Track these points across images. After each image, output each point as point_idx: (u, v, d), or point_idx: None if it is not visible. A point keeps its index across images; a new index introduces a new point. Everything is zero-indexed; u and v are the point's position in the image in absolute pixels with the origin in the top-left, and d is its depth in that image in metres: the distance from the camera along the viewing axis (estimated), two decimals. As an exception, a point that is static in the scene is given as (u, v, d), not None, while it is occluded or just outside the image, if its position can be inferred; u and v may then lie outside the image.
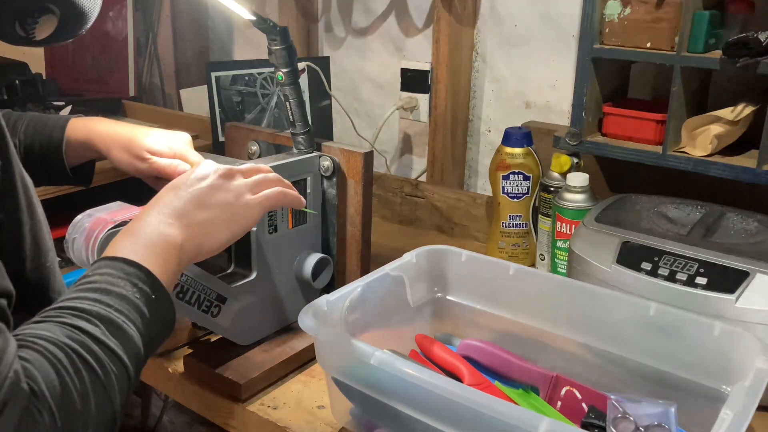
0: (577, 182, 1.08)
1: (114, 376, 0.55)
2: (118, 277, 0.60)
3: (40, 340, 0.53)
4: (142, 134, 0.94)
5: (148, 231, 0.66)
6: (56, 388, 0.51)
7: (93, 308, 0.56)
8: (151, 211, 0.69)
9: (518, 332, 0.90)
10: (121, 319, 0.57)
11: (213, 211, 0.72)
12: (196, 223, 0.70)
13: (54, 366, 0.51)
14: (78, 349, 0.53)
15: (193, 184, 0.73)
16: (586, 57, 1.06)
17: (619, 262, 0.91)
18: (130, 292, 0.59)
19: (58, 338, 0.53)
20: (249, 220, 0.75)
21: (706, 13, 0.97)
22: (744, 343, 0.74)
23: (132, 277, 0.61)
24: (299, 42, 1.64)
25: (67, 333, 0.54)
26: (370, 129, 1.62)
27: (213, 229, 0.71)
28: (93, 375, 0.53)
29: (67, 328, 0.54)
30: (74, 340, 0.53)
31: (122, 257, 0.62)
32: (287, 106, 1.00)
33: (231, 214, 0.73)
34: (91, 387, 0.53)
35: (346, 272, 1.05)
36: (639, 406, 0.72)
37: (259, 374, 0.88)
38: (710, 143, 0.99)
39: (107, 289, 0.58)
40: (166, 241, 0.66)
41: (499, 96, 1.44)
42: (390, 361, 0.68)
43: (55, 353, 0.52)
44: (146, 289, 0.61)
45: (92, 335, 0.55)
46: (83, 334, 0.54)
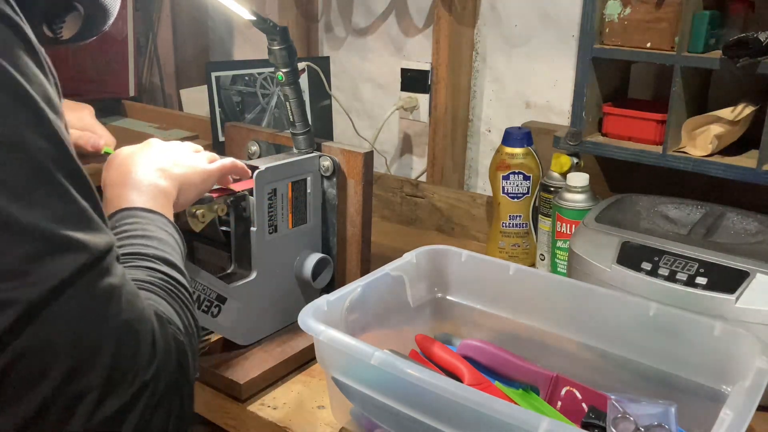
0: (577, 182, 1.08)
1: (189, 298, 0.64)
2: (147, 224, 0.67)
3: (139, 281, 0.60)
4: None
5: (146, 183, 0.72)
6: (173, 314, 0.59)
7: (149, 251, 0.64)
8: (137, 165, 0.74)
9: (518, 332, 0.90)
10: (169, 256, 0.65)
11: (186, 170, 0.79)
12: (176, 177, 0.77)
13: (164, 298, 0.60)
14: (163, 283, 0.62)
15: (167, 146, 0.80)
16: (586, 57, 1.06)
17: (619, 262, 0.90)
18: (162, 234, 0.67)
19: (146, 278, 0.61)
20: (207, 183, 0.83)
21: (706, 13, 0.97)
22: (744, 343, 0.74)
23: (157, 222, 0.68)
24: (299, 42, 1.64)
25: (146, 273, 0.62)
26: (370, 129, 1.62)
27: (187, 186, 0.78)
28: (187, 307, 0.63)
29: (143, 269, 0.62)
30: (156, 278, 0.62)
31: (140, 206, 0.69)
32: (287, 106, 1.00)
33: (197, 175, 0.80)
34: (191, 316, 0.63)
35: (346, 272, 1.05)
36: (639, 406, 0.72)
37: (259, 374, 0.88)
38: (710, 143, 0.99)
39: (146, 235, 0.65)
40: (162, 192, 0.73)
41: (499, 96, 1.44)
42: (390, 361, 0.68)
43: (157, 290, 0.60)
44: (170, 231, 0.69)
45: (161, 271, 0.63)
46: (156, 272, 0.62)
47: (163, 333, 0.54)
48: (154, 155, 0.77)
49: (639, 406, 0.72)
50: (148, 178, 0.73)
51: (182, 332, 0.58)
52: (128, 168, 0.74)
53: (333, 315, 0.80)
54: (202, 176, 0.81)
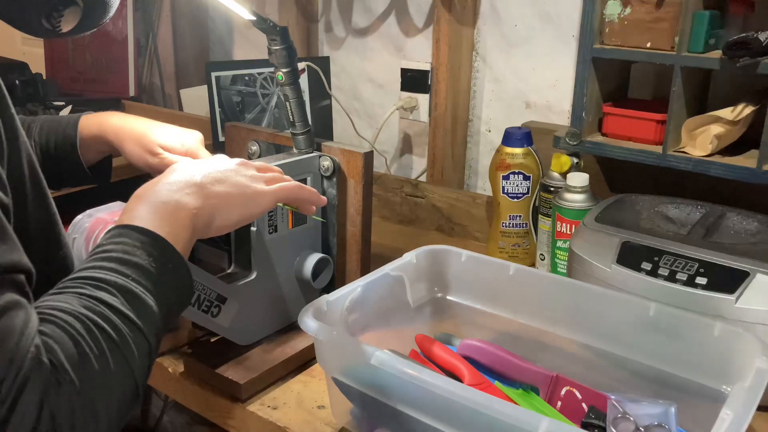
0: (577, 182, 1.08)
1: (133, 345, 0.55)
2: (134, 246, 0.60)
3: (59, 312, 0.53)
4: (155, 129, 0.95)
5: (163, 197, 0.66)
6: (75, 358, 0.51)
7: (110, 278, 0.56)
8: (166, 180, 0.69)
9: (518, 332, 0.90)
10: (138, 289, 0.57)
11: (229, 189, 0.73)
12: (212, 195, 0.70)
13: (72, 337, 0.51)
14: (96, 319, 0.53)
15: (211, 164, 0.75)
16: (586, 57, 1.06)
17: (619, 262, 0.90)
18: (146, 261, 0.59)
19: (76, 309, 0.53)
20: (260, 206, 0.76)
21: (706, 13, 0.97)
22: (744, 343, 0.74)
23: (147, 246, 0.60)
24: (299, 42, 1.64)
25: (84, 303, 0.54)
26: (370, 129, 1.62)
27: (226, 206, 0.72)
28: (112, 344, 0.53)
29: (85, 299, 0.54)
30: (92, 311, 0.54)
31: (137, 225, 0.62)
32: (287, 106, 1.00)
33: (245, 196, 0.74)
34: (111, 356, 0.53)
35: (346, 272, 1.05)
36: (639, 406, 0.72)
37: (259, 374, 0.88)
38: (710, 143, 0.99)
39: (124, 259, 0.58)
40: (181, 209, 0.66)
41: (499, 96, 1.44)
42: (390, 361, 0.68)
43: (74, 324, 0.52)
44: (162, 257, 0.61)
45: (110, 305, 0.55)
46: (101, 304, 0.54)
47: (34, 387, 0.48)
48: (198, 169, 0.72)
49: (639, 406, 0.72)
50: (170, 193, 0.67)
51: (72, 377, 0.50)
52: (160, 179, 0.69)
53: (333, 315, 0.80)
54: (250, 198, 0.75)
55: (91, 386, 0.51)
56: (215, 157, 0.77)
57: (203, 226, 0.70)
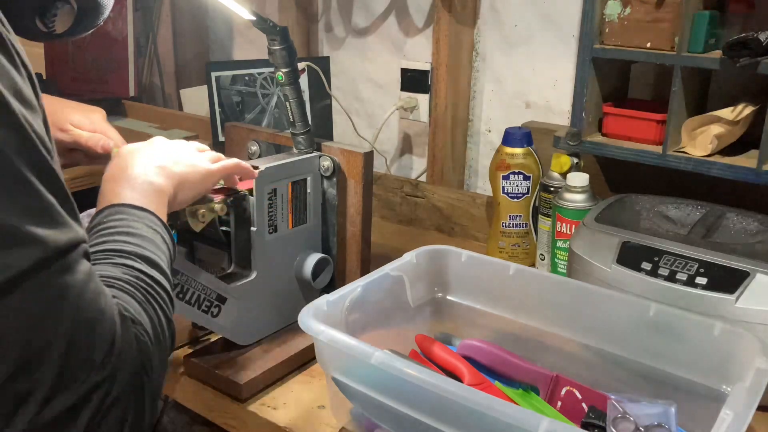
0: (577, 182, 1.08)
1: (166, 300, 0.63)
2: (133, 221, 0.66)
3: (112, 279, 0.59)
4: (64, 107, 0.96)
5: (141, 180, 0.72)
6: (142, 314, 0.58)
7: (131, 248, 0.63)
8: (136, 161, 0.74)
9: (518, 332, 0.90)
10: (153, 255, 0.64)
11: (186, 168, 0.78)
12: (174, 175, 0.76)
13: (134, 297, 0.58)
14: (138, 283, 0.60)
15: (167, 145, 0.80)
16: (586, 57, 1.06)
17: (619, 262, 0.90)
18: (148, 233, 0.66)
19: (122, 276, 0.60)
20: (208, 183, 0.83)
21: (706, 13, 0.97)
22: (744, 343, 0.74)
23: (145, 220, 0.67)
24: (299, 42, 1.64)
25: (123, 271, 0.60)
26: (370, 129, 1.62)
27: (186, 184, 0.78)
28: (161, 307, 0.61)
29: (121, 267, 0.61)
30: (133, 276, 0.60)
31: (130, 203, 0.68)
32: (287, 106, 1.00)
33: (199, 174, 0.80)
34: (162, 316, 0.61)
35: (346, 272, 1.05)
36: (639, 406, 0.72)
37: (259, 374, 0.88)
38: (710, 143, 0.99)
39: (130, 232, 0.65)
40: (157, 189, 0.73)
41: (499, 96, 1.44)
42: (390, 361, 0.68)
43: (129, 288, 0.59)
44: (158, 230, 0.68)
45: (141, 270, 0.62)
46: (135, 270, 0.61)
47: (125, 334, 0.53)
48: (154, 152, 0.77)
49: (639, 406, 0.72)
50: (143, 175, 0.72)
51: (148, 334, 0.57)
52: (126, 164, 0.74)
53: (333, 315, 0.80)
54: (203, 175, 0.81)
55: (157, 335, 0.58)
56: (156, 139, 0.81)
57: (170, 203, 0.76)
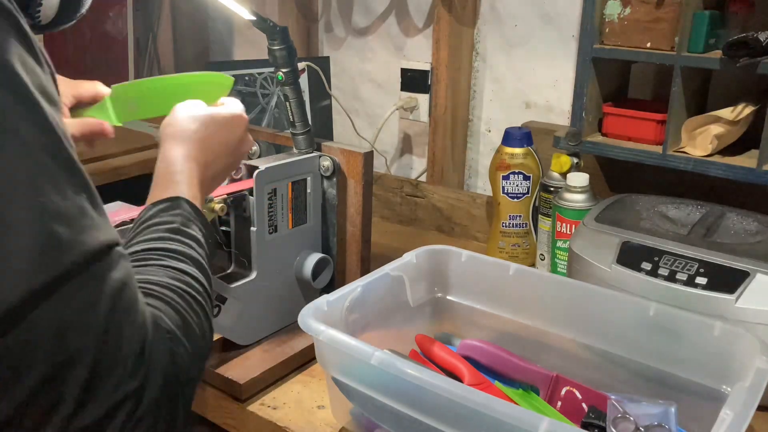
0: (577, 182, 1.08)
1: (209, 307, 0.62)
2: (189, 219, 0.67)
3: (154, 285, 0.58)
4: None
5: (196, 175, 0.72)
6: (179, 323, 0.56)
7: (182, 249, 0.63)
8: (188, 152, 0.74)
9: (518, 332, 0.90)
10: (202, 258, 0.65)
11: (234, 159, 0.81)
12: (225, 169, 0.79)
13: (173, 307, 0.57)
14: (186, 288, 0.59)
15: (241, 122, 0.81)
16: (586, 57, 1.06)
17: (619, 262, 0.90)
18: (199, 234, 0.67)
19: (167, 282, 0.59)
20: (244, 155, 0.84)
21: (706, 13, 0.97)
22: (744, 343, 0.74)
23: (196, 220, 0.68)
24: (299, 42, 1.64)
25: (170, 275, 0.60)
26: (370, 129, 1.62)
27: (228, 171, 0.81)
28: (201, 309, 0.60)
29: (169, 270, 0.60)
30: (180, 281, 0.60)
31: (188, 199, 0.68)
32: (287, 106, 1.00)
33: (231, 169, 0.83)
34: (204, 319, 0.60)
35: (346, 272, 1.05)
36: (639, 406, 0.72)
37: (259, 374, 0.88)
38: (710, 143, 0.99)
39: (185, 232, 0.65)
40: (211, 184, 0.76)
41: (499, 96, 1.44)
42: (390, 361, 0.68)
43: (171, 296, 0.58)
44: (204, 228, 0.68)
45: (190, 274, 0.61)
46: (183, 274, 0.60)
47: (158, 345, 0.52)
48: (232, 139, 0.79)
49: (639, 406, 0.72)
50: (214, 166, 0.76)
51: (185, 345, 0.56)
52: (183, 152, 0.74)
53: (333, 315, 0.80)
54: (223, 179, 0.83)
55: (196, 347, 0.57)
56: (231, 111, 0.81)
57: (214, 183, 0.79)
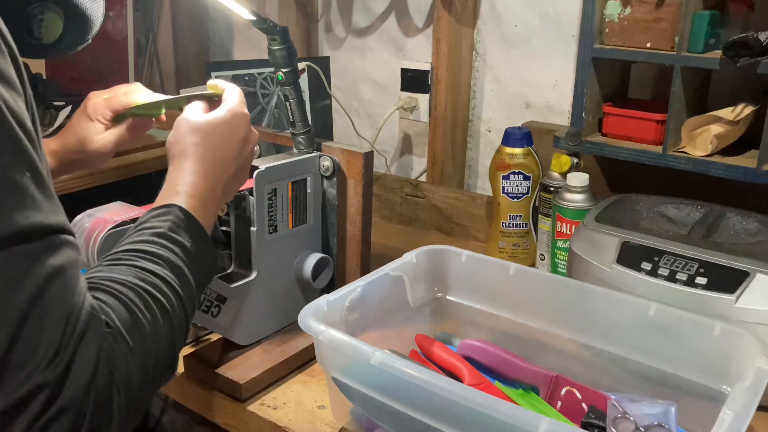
0: (577, 182, 1.08)
1: (178, 313, 0.60)
2: (179, 226, 0.65)
3: (112, 282, 0.56)
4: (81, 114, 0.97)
5: (198, 183, 0.71)
6: (129, 321, 0.54)
7: (161, 252, 0.61)
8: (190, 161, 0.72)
9: (518, 332, 0.90)
10: (182, 264, 0.63)
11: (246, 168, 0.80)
12: (240, 178, 0.78)
13: (126, 305, 0.55)
14: (148, 288, 0.57)
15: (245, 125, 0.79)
16: (586, 57, 1.06)
17: (619, 262, 0.90)
18: (188, 241, 0.65)
19: (129, 279, 0.57)
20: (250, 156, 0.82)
21: (706, 13, 0.97)
22: (744, 343, 0.74)
23: (189, 228, 0.66)
24: (299, 42, 1.64)
25: (137, 275, 0.58)
26: (370, 129, 1.62)
27: (241, 180, 0.80)
28: (162, 311, 0.58)
29: (138, 270, 0.59)
30: (144, 281, 0.58)
31: (181, 206, 0.67)
32: (287, 106, 1.00)
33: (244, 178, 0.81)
34: (161, 321, 0.57)
35: (346, 272, 1.05)
36: (639, 406, 0.72)
37: (259, 374, 0.88)
38: (710, 143, 0.99)
39: (171, 237, 0.63)
40: (215, 194, 0.72)
41: (499, 96, 1.44)
42: (390, 361, 0.68)
43: (127, 294, 0.56)
44: (199, 241, 0.66)
45: (160, 276, 0.59)
46: (152, 275, 0.59)
47: (90, 339, 0.49)
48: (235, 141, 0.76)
49: (639, 406, 0.72)
50: (222, 173, 0.73)
51: (128, 343, 0.53)
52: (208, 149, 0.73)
53: (333, 315, 0.80)
54: (245, 178, 0.82)
55: (143, 348, 0.55)
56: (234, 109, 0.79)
57: (225, 197, 0.78)
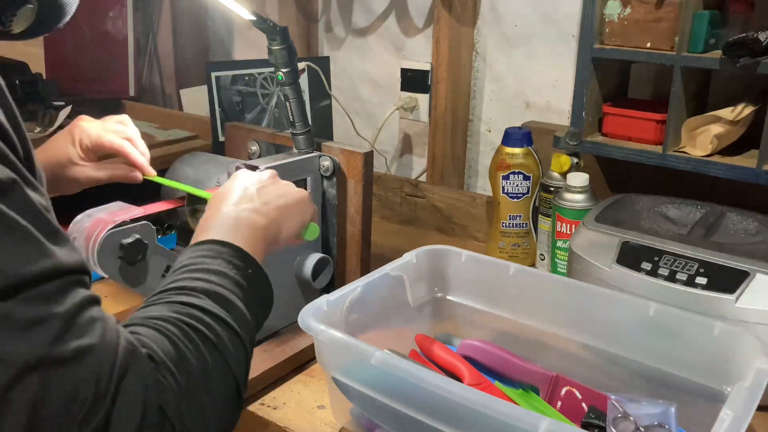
0: (577, 182, 1.08)
1: (228, 343, 0.56)
2: (211, 257, 0.62)
3: (150, 319, 0.53)
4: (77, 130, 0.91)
5: (230, 218, 0.69)
6: (173, 353, 0.51)
7: (195, 284, 0.58)
8: (223, 205, 0.71)
9: (518, 332, 0.90)
10: (225, 291, 0.59)
11: (287, 199, 0.76)
12: (274, 208, 0.74)
13: (167, 336, 0.52)
14: (188, 320, 0.54)
15: (260, 179, 0.77)
16: (586, 57, 1.06)
17: (619, 262, 0.90)
18: (226, 268, 0.61)
19: (167, 314, 0.54)
20: (312, 207, 0.81)
21: (706, 13, 0.97)
22: (744, 343, 0.74)
23: (225, 255, 0.63)
24: (299, 42, 1.64)
25: (174, 309, 0.55)
26: (370, 129, 1.62)
27: (289, 214, 0.76)
28: (207, 342, 0.54)
29: (174, 305, 0.55)
30: (182, 314, 0.54)
31: (211, 239, 0.64)
32: (287, 106, 1.00)
33: (300, 202, 0.78)
34: (208, 353, 0.53)
35: (346, 272, 1.05)
36: (639, 406, 0.72)
37: (259, 374, 0.88)
38: (710, 143, 0.99)
39: (204, 268, 0.60)
40: (250, 224, 0.69)
41: (499, 96, 1.44)
42: (390, 361, 0.68)
43: (166, 326, 0.53)
44: (241, 264, 0.63)
45: (199, 307, 0.56)
46: (190, 307, 0.55)
47: (133, 372, 0.47)
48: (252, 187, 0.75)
49: (639, 406, 0.72)
50: (231, 214, 0.70)
51: (175, 376, 0.50)
52: (217, 202, 0.72)
53: (333, 315, 0.80)
54: (304, 202, 0.79)
55: (192, 383, 0.51)
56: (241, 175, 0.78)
57: (272, 238, 0.73)
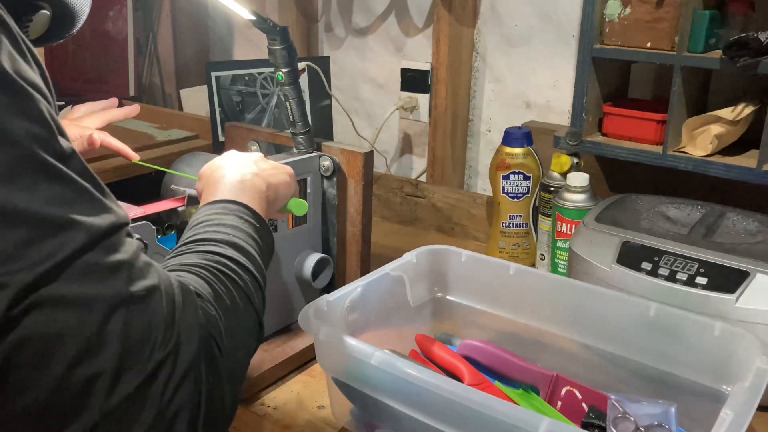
0: (577, 182, 1.08)
1: (250, 285, 0.64)
2: (224, 214, 0.69)
3: (186, 266, 0.60)
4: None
5: (235, 180, 0.75)
6: (210, 292, 0.58)
7: (216, 236, 0.65)
8: (226, 171, 0.77)
9: (518, 332, 0.90)
10: (242, 242, 0.66)
11: (277, 171, 0.82)
12: (270, 175, 0.80)
13: (204, 279, 0.59)
14: (218, 266, 0.62)
15: (251, 156, 0.83)
16: (586, 57, 1.06)
17: (619, 262, 0.90)
18: (239, 222, 0.69)
19: (199, 261, 0.61)
20: (294, 184, 0.86)
21: (706, 13, 0.97)
22: (744, 343, 0.74)
23: (236, 212, 0.70)
24: (299, 42, 1.64)
25: (203, 257, 0.62)
26: (370, 129, 1.62)
27: (280, 184, 0.81)
28: (235, 284, 0.62)
29: (203, 254, 0.63)
30: (212, 261, 0.62)
31: (222, 198, 0.71)
32: (287, 106, 1.00)
33: (288, 176, 0.84)
34: (236, 293, 0.61)
35: (346, 272, 1.05)
36: (639, 406, 0.72)
37: (259, 374, 0.89)
38: (710, 143, 0.99)
39: (222, 223, 0.67)
40: (253, 186, 0.76)
41: (499, 96, 1.44)
42: (390, 361, 0.68)
43: (201, 272, 0.60)
44: (251, 220, 0.70)
45: (225, 255, 0.63)
46: (217, 255, 0.63)
47: (187, 305, 0.53)
48: (240, 161, 0.80)
49: (639, 406, 0.72)
50: (234, 179, 0.76)
51: (216, 309, 0.57)
52: (217, 175, 0.77)
53: (333, 315, 0.80)
54: (290, 176, 0.84)
55: (228, 317, 0.58)
56: (230, 153, 0.84)
57: (270, 203, 0.79)
